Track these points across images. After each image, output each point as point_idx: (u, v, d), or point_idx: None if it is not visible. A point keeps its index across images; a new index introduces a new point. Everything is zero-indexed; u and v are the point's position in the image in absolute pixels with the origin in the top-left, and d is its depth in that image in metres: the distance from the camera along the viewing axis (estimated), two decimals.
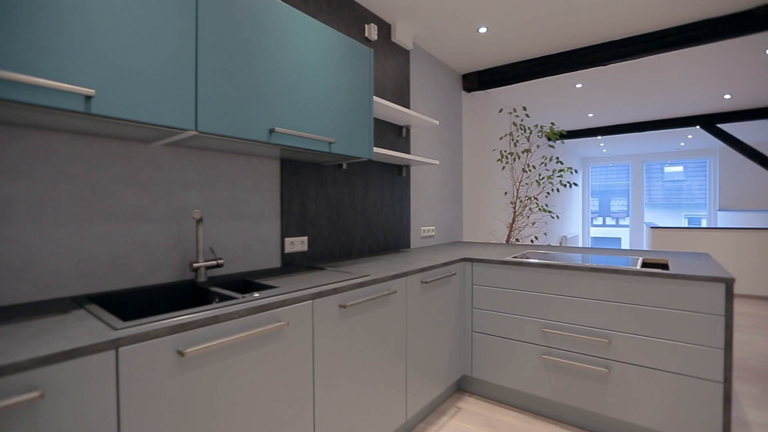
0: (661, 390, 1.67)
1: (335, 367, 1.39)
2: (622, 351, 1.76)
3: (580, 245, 9.49)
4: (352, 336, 1.46)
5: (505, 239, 3.53)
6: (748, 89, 4.17)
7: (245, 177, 1.70)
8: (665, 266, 1.89)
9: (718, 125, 5.28)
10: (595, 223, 10.28)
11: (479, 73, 3.46)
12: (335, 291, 1.38)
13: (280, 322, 1.18)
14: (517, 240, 3.47)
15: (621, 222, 9.87)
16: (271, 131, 1.38)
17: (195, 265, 1.42)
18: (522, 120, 3.48)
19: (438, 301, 1.99)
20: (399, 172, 2.64)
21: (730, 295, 1.54)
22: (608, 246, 9.90)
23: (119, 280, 1.32)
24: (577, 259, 2.12)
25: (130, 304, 1.28)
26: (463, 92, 3.57)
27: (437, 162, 2.61)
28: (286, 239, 1.88)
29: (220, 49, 1.24)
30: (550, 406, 2.01)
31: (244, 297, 1.19)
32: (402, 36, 2.57)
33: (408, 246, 2.75)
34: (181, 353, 0.94)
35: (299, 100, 1.49)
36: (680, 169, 8.97)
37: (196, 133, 1.19)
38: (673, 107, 4.89)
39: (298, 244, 1.94)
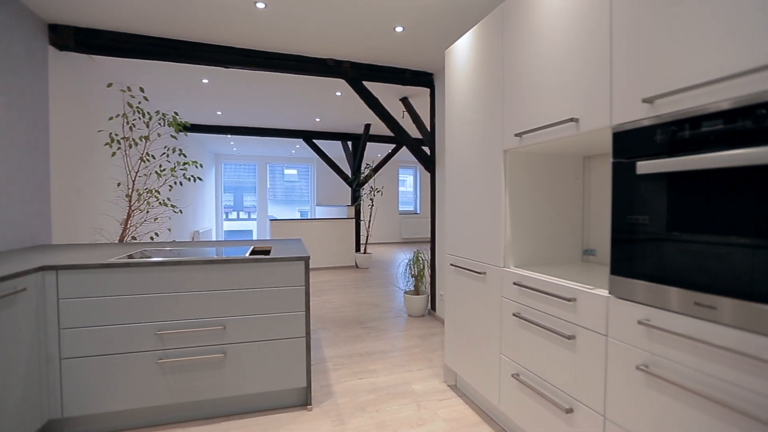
0: (267, 357, 1.97)
1: None
2: (235, 333, 1.92)
3: (214, 239, 9.78)
4: None
5: (118, 238, 3.02)
6: (329, 117, 5.72)
7: None
8: (268, 252, 2.23)
9: (314, 140, 6.95)
10: (230, 217, 10.93)
11: (78, 30, 2.74)
12: None
13: None
14: (135, 238, 3.04)
15: (252, 216, 11.04)
16: None
17: None
18: (140, 102, 3.07)
19: None
20: None
21: (307, 270, 2.02)
22: (240, 238, 10.80)
23: None
24: (201, 253, 2.12)
25: None
26: (52, 48, 2.71)
27: None
28: None
29: None
30: (172, 411, 1.90)
31: None
32: None
33: None
34: None
35: None
36: (294, 171, 11.22)
37: None
38: (285, 120, 5.94)
39: None
